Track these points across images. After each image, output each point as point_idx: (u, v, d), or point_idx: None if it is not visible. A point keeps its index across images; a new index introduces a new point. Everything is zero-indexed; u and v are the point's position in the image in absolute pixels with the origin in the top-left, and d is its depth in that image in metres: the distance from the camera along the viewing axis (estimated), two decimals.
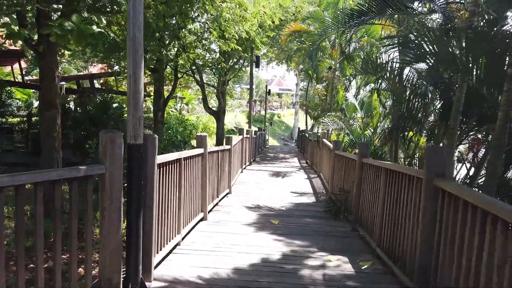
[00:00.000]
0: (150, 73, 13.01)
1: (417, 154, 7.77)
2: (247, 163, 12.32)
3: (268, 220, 5.67)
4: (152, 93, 16.04)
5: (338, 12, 8.55)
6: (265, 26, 12.34)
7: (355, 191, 5.34)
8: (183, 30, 8.99)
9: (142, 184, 2.85)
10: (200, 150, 5.25)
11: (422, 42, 5.58)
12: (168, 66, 13.97)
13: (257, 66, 14.13)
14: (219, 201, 6.92)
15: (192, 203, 4.86)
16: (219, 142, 19.41)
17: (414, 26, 7.91)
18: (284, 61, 34.41)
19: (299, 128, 30.94)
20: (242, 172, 10.77)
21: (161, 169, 3.46)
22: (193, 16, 8.82)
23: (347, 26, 6.13)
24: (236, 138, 9.30)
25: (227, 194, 7.78)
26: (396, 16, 9.93)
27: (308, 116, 22.28)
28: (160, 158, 3.34)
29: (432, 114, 7.52)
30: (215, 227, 5.16)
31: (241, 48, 10.51)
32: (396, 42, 7.55)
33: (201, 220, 5.39)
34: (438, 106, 7.02)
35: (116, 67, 22.50)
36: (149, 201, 3.06)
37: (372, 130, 8.65)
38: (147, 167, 3.00)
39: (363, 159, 5.16)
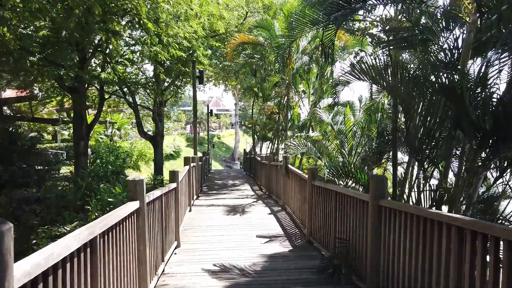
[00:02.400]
0: (67, 93, 10.59)
1: None
2: (195, 197, 10.29)
3: None
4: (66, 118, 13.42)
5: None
6: (208, 35, 10.68)
7: (370, 244, 3.68)
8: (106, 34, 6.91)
9: None
10: (135, 205, 3.29)
11: None
12: (91, 85, 11.64)
13: (201, 82, 12.37)
14: (166, 264, 4.90)
15: None
16: (158, 170, 17.08)
17: None
18: (221, 81, 33.00)
19: (244, 149, 29.33)
20: (190, 210, 8.73)
21: None
22: (119, 13, 6.80)
23: (333, 19, 4.60)
24: (182, 171, 7.33)
25: (175, 249, 5.76)
26: None
27: (255, 136, 20.72)
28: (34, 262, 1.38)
29: None
30: None
31: (184, 55, 8.64)
32: None
33: None
34: None
35: (39, 93, 19.38)
36: None
37: (347, 152, 7.16)
38: None
39: (381, 201, 3.53)
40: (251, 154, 19.86)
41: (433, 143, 3.99)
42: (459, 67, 4.57)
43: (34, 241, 7.11)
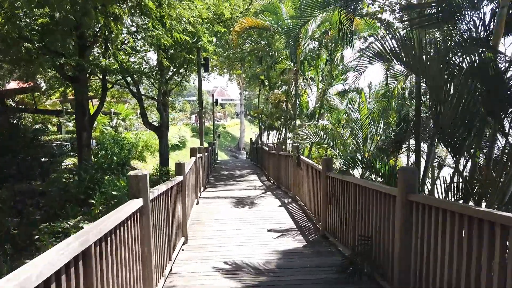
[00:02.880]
0: (68, 83, 10.25)
1: None
2: (202, 189, 9.99)
3: None
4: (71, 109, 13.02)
5: None
6: (213, 20, 10.23)
7: (399, 242, 3.32)
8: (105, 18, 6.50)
9: None
10: (137, 203, 2.95)
11: None
12: (93, 75, 11.28)
13: (206, 69, 11.96)
14: (173, 263, 4.59)
15: None
16: (163, 161, 16.79)
17: None
18: (226, 70, 32.48)
19: (251, 139, 28.97)
20: (197, 203, 8.42)
21: None
22: None
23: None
24: (189, 162, 6.99)
25: (182, 245, 5.45)
26: None
27: (262, 125, 20.31)
28: None
29: None
30: None
31: (189, 39, 8.20)
32: None
33: None
34: None
35: (42, 83, 19.05)
36: None
37: (361, 141, 6.76)
38: None
39: (411, 196, 3.16)
40: (257, 144, 19.51)
41: (467, 130, 3.58)
42: (491, 44, 4.15)
43: (37, 236, 6.85)
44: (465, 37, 4.26)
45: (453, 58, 4.04)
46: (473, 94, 3.50)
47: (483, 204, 3.65)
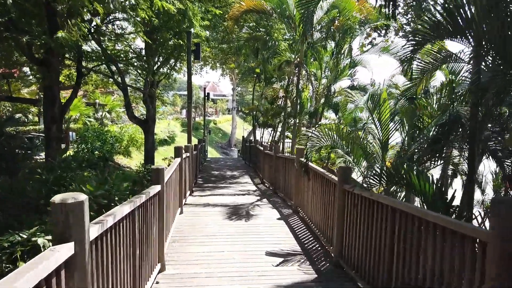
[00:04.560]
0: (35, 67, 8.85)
1: None
2: (188, 193, 8.71)
3: None
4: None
5: None
6: None
7: None
8: None
9: None
10: (65, 251, 1.67)
11: None
12: (67, 58, 9.89)
13: (197, 57, 10.64)
14: None
15: None
16: (148, 159, 15.43)
17: None
18: (219, 64, 31.09)
19: (243, 137, 27.72)
20: (181, 212, 7.14)
21: None
22: None
23: None
24: (171, 167, 5.71)
25: (158, 274, 4.19)
26: None
27: (256, 122, 19.02)
28: None
29: None
30: None
31: (173, 8, 6.83)
32: None
33: None
34: None
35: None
36: None
37: (380, 147, 5.56)
38: None
39: None
40: (250, 142, 18.24)
41: None
42: None
43: None
44: None
45: None
46: None
47: None
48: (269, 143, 14.56)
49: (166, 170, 4.97)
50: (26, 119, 23.49)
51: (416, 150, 4.82)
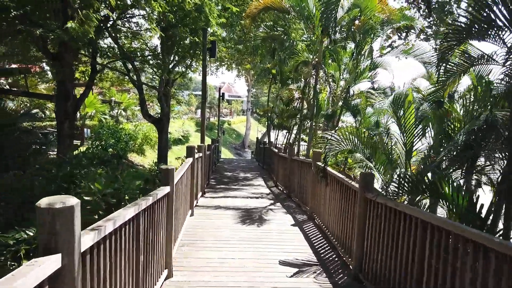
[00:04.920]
0: (48, 61, 8.75)
1: None
2: (199, 194, 8.47)
3: None
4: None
5: None
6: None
7: None
8: None
9: None
10: (50, 264, 1.41)
11: None
12: (83, 54, 9.79)
13: (213, 55, 10.40)
14: None
15: None
16: (161, 158, 15.30)
17: None
18: (234, 65, 30.91)
19: (257, 138, 27.46)
20: (192, 215, 6.89)
21: None
22: None
23: None
24: (181, 168, 5.47)
25: (164, 281, 3.95)
26: None
27: (270, 124, 18.70)
28: None
29: None
30: None
31: (189, 0, 6.61)
32: None
33: None
34: None
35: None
36: None
37: (404, 152, 5.21)
38: None
39: None
40: (264, 144, 17.93)
41: None
42: None
43: None
44: None
45: None
46: None
47: None
48: (283, 146, 14.25)
49: (177, 171, 4.73)
50: (43, 115, 23.69)
51: (444, 158, 4.46)
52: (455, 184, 3.53)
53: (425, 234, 2.96)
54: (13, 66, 18.30)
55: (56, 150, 12.03)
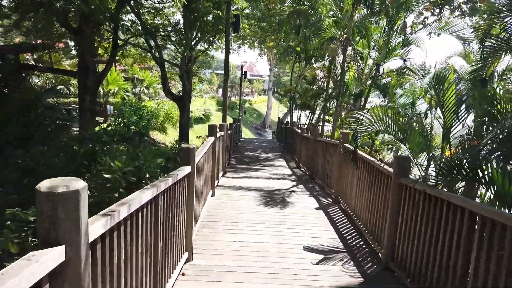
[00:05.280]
0: (70, 35, 8.59)
1: None
2: (220, 174, 8.29)
3: None
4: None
5: None
6: None
7: None
8: None
9: None
10: (56, 255, 1.18)
11: None
12: (103, 29, 9.59)
13: (236, 30, 9.98)
14: None
15: None
16: (183, 136, 15.22)
17: None
18: (257, 44, 30.26)
19: (279, 118, 27.09)
20: (213, 195, 6.72)
21: None
22: None
23: None
24: (203, 147, 5.25)
25: (184, 264, 3.79)
26: None
27: (292, 103, 18.25)
28: None
29: None
30: None
31: None
32: None
33: None
34: None
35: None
36: None
37: (443, 135, 4.80)
38: None
39: None
40: (287, 124, 17.57)
41: None
42: None
43: None
44: None
45: None
46: None
47: None
48: (306, 126, 13.86)
49: (198, 150, 4.51)
50: (67, 91, 23.92)
51: (489, 142, 4.06)
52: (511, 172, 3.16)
53: (472, 225, 2.64)
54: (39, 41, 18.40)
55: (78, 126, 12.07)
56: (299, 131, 11.55)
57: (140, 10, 12.55)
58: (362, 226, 5.12)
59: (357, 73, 10.62)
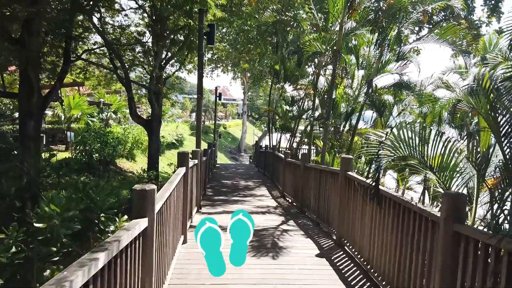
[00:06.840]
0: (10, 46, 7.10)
1: None
2: (194, 211, 6.89)
3: None
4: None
5: None
6: None
7: None
8: None
9: None
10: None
11: None
12: (52, 39, 8.15)
13: (210, 42, 8.80)
14: None
15: None
16: (152, 164, 13.68)
17: None
18: (230, 67, 29.43)
19: (256, 142, 25.91)
20: (184, 242, 5.29)
21: None
22: None
23: None
24: (172, 181, 3.88)
25: None
26: None
27: (272, 126, 17.09)
28: None
29: None
30: None
31: None
32: None
33: None
34: None
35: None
36: None
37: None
38: None
39: None
40: (266, 148, 16.37)
41: None
42: None
43: None
44: None
45: None
46: None
47: None
48: (289, 150, 12.70)
49: (161, 190, 3.17)
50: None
51: None
52: None
53: None
54: None
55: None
56: (283, 155, 10.33)
57: (105, 29, 11.31)
58: (384, 283, 3.84)
59: (348, 89, 9.60)
